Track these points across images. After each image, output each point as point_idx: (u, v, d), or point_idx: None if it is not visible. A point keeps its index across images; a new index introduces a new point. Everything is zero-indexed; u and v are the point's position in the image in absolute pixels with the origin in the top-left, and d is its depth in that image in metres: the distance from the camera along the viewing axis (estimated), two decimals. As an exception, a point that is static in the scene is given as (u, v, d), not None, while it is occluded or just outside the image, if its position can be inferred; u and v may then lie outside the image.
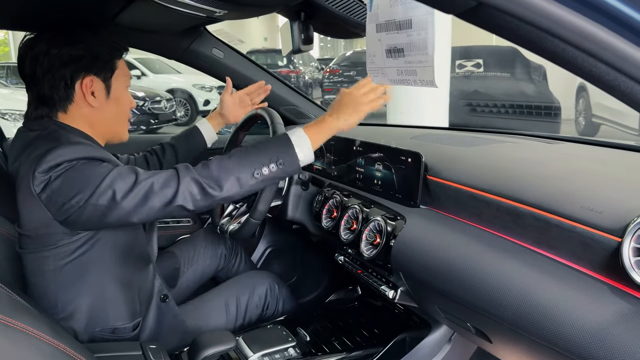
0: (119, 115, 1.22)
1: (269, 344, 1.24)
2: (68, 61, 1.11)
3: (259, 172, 1.08)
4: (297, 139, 1.11)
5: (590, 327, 0.76)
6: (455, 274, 0.99)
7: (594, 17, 0.51)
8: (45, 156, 1.03)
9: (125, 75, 1.22)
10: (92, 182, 1.02)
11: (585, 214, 0.84)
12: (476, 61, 7.32)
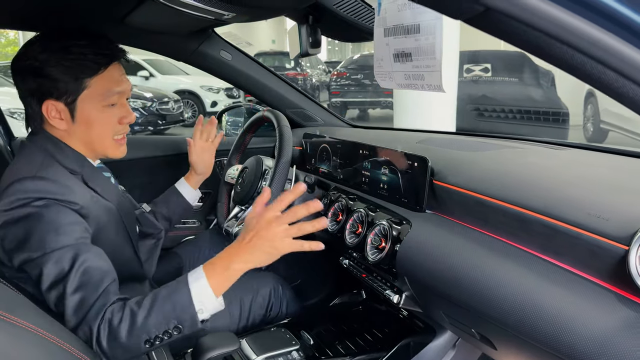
0: (94, 137, 1.14)
1: (273, 346, 1.24)
2: (30, 83, 1.09)
3: (150, 341, 0.94)
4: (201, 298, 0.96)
5: (595, 335, 0.75)
6: (460, 280, 0.98)
7: (603, 24, 0.51)
8: (7, 190, 1.01)
9: (104, 91, 1.11)
10: (37, 247, 0.97)
11: (592, 221, 0.83)
12: (484, 66, 7.31)
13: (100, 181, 1.16)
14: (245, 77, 1.83)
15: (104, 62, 1.11)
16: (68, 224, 1.01)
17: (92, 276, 0.99)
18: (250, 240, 0.99)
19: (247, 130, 1.72)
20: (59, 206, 1.02)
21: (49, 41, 1.08)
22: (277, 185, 1.39)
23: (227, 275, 0.99)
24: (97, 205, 1.11)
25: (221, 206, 1.72)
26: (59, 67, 1.07)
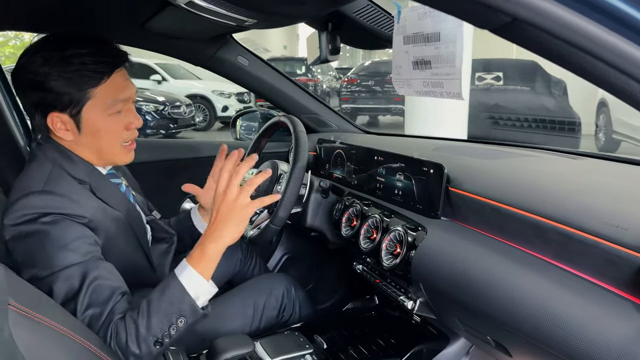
0: (102, 146, 1.13)
1: (286, 349, 1.25)
2: (32, 97, 1.08)
3: (159, 341, 0.97)
4: (192, 285, 1.01)
5: (611, 344, 0.75)
6: (476, 286, 0.99)
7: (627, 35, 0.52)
8: (15, 205, 1.02)
9: (109, 100, 1.10)
10: (45, 265, 0.99)
11: (610, 231, 0.84)
12: (496, 74, 7.30)
13: (109, 190, 1.16)
14: (261, 83, 1.85)
15: (106, 70, 1.08)
16: (76, 239, 1.02)
17: (101, 294, 1.00)
18: (216, 217, 1.06)
19: (262, 135, 1.73)
20: (67, 221, 1.02)
21: (49, 52, 1.05)
22: (293, 190, 1.40)
23: (206, 257, 1.04)
24: (105, 215, 1.12)
25: (235, 210, 1.73)
26: (61, 80, 1.04)
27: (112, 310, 0.99)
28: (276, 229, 1.42)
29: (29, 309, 0.78)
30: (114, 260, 1.08)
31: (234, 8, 0.99)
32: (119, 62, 1.11)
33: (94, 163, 1.15)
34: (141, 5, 1.30)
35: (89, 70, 1.06)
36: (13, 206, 1.02)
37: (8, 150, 1.65)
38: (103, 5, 1.34)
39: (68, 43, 1.06)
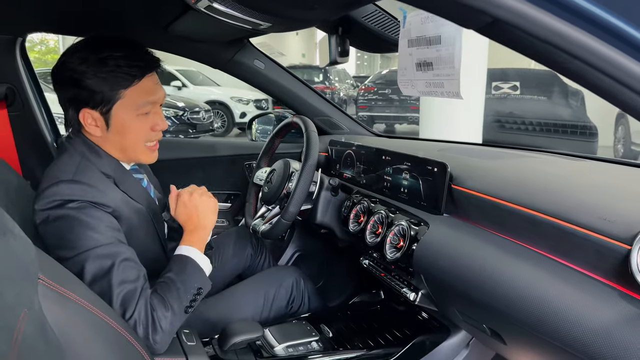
0: (127, 144, 1.20)
1: (294, 336, 1.31)
2: (68, 93, 1.15)
3: (189, 307, 1.13)
4: (200, 260, 1.20)
5: (598, 328, 0.80)
6: (474, 277, 1.04)
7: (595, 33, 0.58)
8: (45, 191, 1.10)
9: (139, 101, 1.17)
10: (74, 245, 1.06)
11: (599, 224, 0.88)
12: (513, 83, 7.32)
13: (131, 184, 1.24)
14: (277, 86, 1.93)
15: (138, 74, 1.15)
16: (102, 224, 1.10)
17: (131, 273, 1.09)
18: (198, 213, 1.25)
19: (276, 135, 1.80)
20: (93, 208, 1.10)
21: (86, 53, 1.13)
22: (303, 187, 1.46)
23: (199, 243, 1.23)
24: (128, 207, 1.19)
25: (249, 206, 1.80)
26: (96, 79, 1.12)
27: (145, 287, 1.08)
28: (287, 224, 1.49)
29: (57, 284, 0.86)
30: (134, 249, 1.16)
31: (250, 12, 1.06)
32: (151, 67, 1.18)
33: (118, 159, 1.23)
34: (164, 9, 1.38)
35: (122, 72, 1.13)
36: (44, 192, 1.10)
37: (37, 147, 1.75)
38: (129, 9, 1.43)
39: (104, 46, 1.14)
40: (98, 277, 1.06)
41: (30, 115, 1.72)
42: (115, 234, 1.12)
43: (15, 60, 1.65)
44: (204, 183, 1.97)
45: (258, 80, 1.91)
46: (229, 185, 2.07)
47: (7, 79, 1.64)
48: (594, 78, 0.59)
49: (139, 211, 1.24)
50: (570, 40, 0.56)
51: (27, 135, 1.71)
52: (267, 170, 1.75)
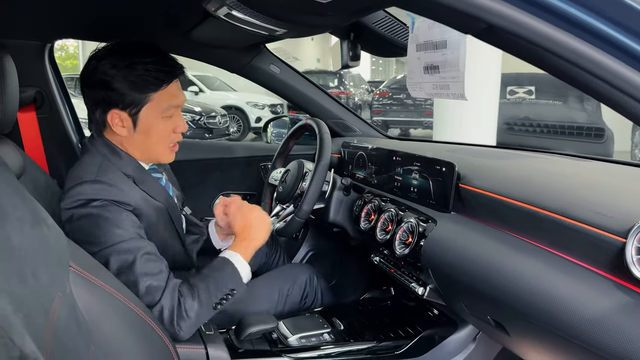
0: (151, 144, 1.27)
1: (307, 328, 1.36)
2: (98, 94, 1.22)
3: (218, 304, 1.18)
4: (239, 267, 1.23)
5: (595, 317, 0.84)
6: (480, 271, 1.08)
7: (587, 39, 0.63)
8: (69, 191, 1.17)
9: (164, 105, 1.24)
10: (99, 241, 1.14)
11: (597, 219, 0.93)
12: (528, 88, 7.30)
13: (150, 183, 1.31)
14: (291, 89, 1.99)
15: (166, 79, 1.23)
16: (124, 221, 1.17)
17: (154, 266, 1.16)
18: (243, 226, 1.32)
19: (290, 137, 1.87)
20: (115, 206, 1.17)
21: (117, 58, 1.21)
22: (316, 186, 1.52)
23: (246, 250, 1.28)
24: (147, 204, 1.26)
25: (264, 205, 1.87)
26: (126, 82, 1.20)
27: (169, 277, 1.16)
28: (300, 222, 1.55)
29: (86, 272, 0.93)
30: (154, 244, 1.23)
31: (266, 19, 1.12)
32: (177, 73, 1.26)
33: (138, 159, 1.30)
34: (185, 16, 1.45)
35: (151, 76, 1.21)
36: (69, 192, 1.18)
37: (63, 147, 1.84)
38: (151, 16, 1.51)
39: (133, 51, 1.22)
40: (122, 270, 1.13)
41: (57, 117, 1.80)
42: (136, 229, 1.19)
43: (44, 66, 1.74)
44: (221, 183, 2.06)
45: (273, 84, 1.98)
46: (245, 186, 2.14)
47: (36, 83, 1.73)
48: (588, 81, 0.64)
49: (158, 208, 1.30)
50: (561, 45, 0.61)
51: (54, 136, 1.80)
52: (282, 171, 1.81)
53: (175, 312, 1.12)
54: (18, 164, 1.33)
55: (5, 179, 0.83)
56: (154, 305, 1.12)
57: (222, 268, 1.22)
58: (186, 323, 1.13)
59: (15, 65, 1.28)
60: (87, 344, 0.85)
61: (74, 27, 1.66)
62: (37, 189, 1.36)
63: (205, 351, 1.17)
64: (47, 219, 0.90)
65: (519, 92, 7.38)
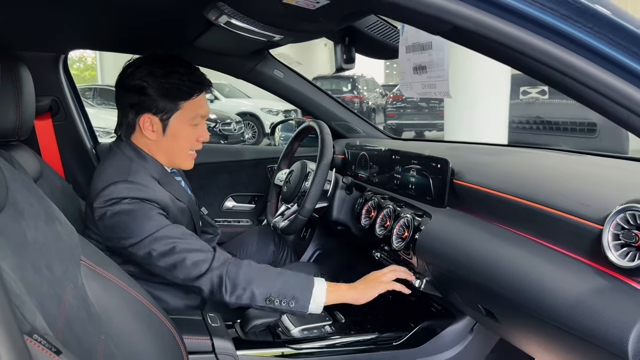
0: (176, 149, 1.36)
1: (309, 321, 1.42)
2: (133, 98, 1.31)
3: (271, 301, 1.22)
4: (317, 292, 1.25)
5: (575, 301, 0.88)
6: (469, 261, 1.13)
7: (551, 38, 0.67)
8: (103, 191, 1.25)
9: (193, 113, 1.33)
10: (137, 233, 1.22)
11: (577, 207, 0.97)
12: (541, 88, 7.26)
13: (174, 185, 1.39)
14: (296, 93, 2.06)
15: (197, 89, 1.33)
16: (157, 214, 1.26)
17: (196, 240, 1.26)
18: (367, 283, 1.33)
19: (295, 139, 1.93)
20: (145, 203, 1.26)
21: (154, 66, 1.31)
22: (318, 185, 1.58)
23: (338, 291, 1.30)
24: (173, 204, 1.34)
25: (270, 205, 1.94)
26: (161, 89, 1.29)
27: (216, 252, 1.25)
28: (303, 219, 1.61)
29: (97, 266, 0.99)
30: None
31: (263, 26, 1.19)
32: (206, 85, 1.36)
33: (162, 163, 1.38)
34: (190, 26, 1.53)
35: (185, 86, 1.31)
36: (102, 192, 1.25)
37: (78, 154, 1.93)
38: (159, 27, 1.59)
39: (169, 62, 1.32)
40: (166, 254, 1.21)
41: (72, 125, 1.90)
42: (168, 221, 1.28)
43: (59, 75, 1.83)
44: (229, 186, 2.13)
45: (278, 88, 2.04)
46: (253, 188, 2.21)
47: (51, 92, 1.83)
48: (559, 79, 0.69)
49: (182, 209, 1.39)
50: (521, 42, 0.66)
51: (69, 143, 1.89)
52: (287, 172, 1.88)
53: (223, 283, 1.20)
54: (35, 169, 1.41)
55: (21, 179, 0.90)
56: (202, 276, 1.21)
57: (299, 277, 1.28)
58: (231, 295, 1.21)
59: (32, 76, 1.36)
60: (97, 333, 0.91)
61: (84, 39, 1.75)
62: (53, 192, 1.44)
63: (211, 342, 1.23)
64: (60, 217, 0.98)
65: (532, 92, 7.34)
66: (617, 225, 0.88)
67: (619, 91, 0.67)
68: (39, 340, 0.59)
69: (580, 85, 0.67)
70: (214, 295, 1.23)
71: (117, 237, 1.25)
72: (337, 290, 1.28)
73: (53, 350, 0.60)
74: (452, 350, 1.41)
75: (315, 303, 1.24)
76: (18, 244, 0.77)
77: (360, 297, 1.30)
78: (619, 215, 0.87)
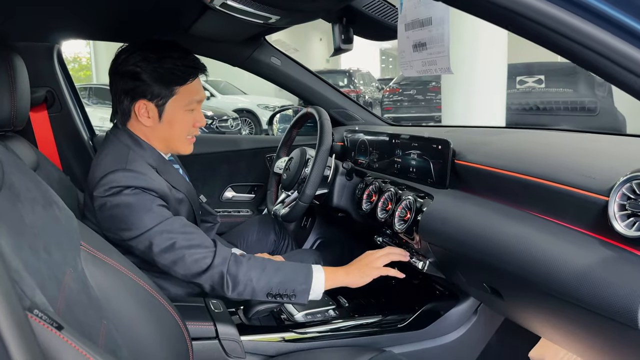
0: (173, 135, 1.34)
1: (313, 305, 1.41)
2: (127, 84, 1.29)
3: (272, 295, 1.23)
4: (315, 282, 1.26)
5: (580, 272, 0.87)
6: (473, 239, 1.12)
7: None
8: (102, 180, 1.23)
9: (188, 99, 1.32)
10: (137, 227, 1.20)
11: (581, 180, 0.96)
12: (538, 77, 7.27)
13: (172, 173, 1.38)
14: (293, 81, 2.04)
15: (192, 73, 1.32)
16: (157, 206, 1.24)
17: (198, 235, 1.24)
18: (362, 267, 1.33)
19: (293, 126, 1.92)
20: (146, 193, 1.24)
21: (148, 52, 1.29)
22: (318, 170, 1.57)
23: (335, 277, 1.30)
24: (171, 193, 1.33)
25: (270, 193, 1.92)
26: (155, 74, 1.28)
27: (217, 248, 1.23)
28: (304, 206, 1.59)
29: (97, 250, 0.98)
30: None
31: (259, 6, 1.18)
32: (201, 70, 1.35)
33: (159, 150, 1.37)
34: (185, 12, 1.51)
35: (179, 71, 1.30)
36: (102, 180, 1.23)
37: (75, 145, 1.91)
38: (153, 14, 1.57)
39: (161, 47, 1.31)
40: (168, 248, 1.20)
41: (68, 116, 1.88)
42: (169, 213, 1.26)
43: (54, 66, 1.81)
44: (228, 176, 2.11)
45: (276, 76, 2.03)
46: (252, 178, 2.20)
47: (47, 84, 1.81)
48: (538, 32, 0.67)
49: (180, 198, 1.37)
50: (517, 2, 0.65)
51: (65, 134, 1.88)
52: (286, 159, 1.86)
53: (224, 280, 1.19)
54: (32, 160, 1.40)
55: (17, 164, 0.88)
56: (203, 273, 1.20)
57: (298, 268, 1.28)
58: (232, 292, 1.21)
59: (26, 67, 1.34)
60: (99, 317, 0.90)
61: (78, 29, 1.73)
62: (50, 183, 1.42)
63: (214, 327, 1.22)
64: (59, 202, 0.96)
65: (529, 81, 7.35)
66: (623, 196, 0.87)
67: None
68: (40, 316, 0.58)
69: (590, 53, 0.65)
70: (215, 291, 1.21)
71: (116, 228, 1.23)
72: (334, 278, 1.29)
73: (54, 326, 0.58)
74: (456, 332, 1.40)
75: (314, 293, 1.26)
76: (15, 226, 0.76)
77: (355, 283, 1.32)
78: (625, 185, 0.86)
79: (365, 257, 1.35)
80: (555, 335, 1.12)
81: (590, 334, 0.96)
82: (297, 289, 1.24)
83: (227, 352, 1.23)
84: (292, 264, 1.30)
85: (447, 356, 1.40)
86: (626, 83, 0.69)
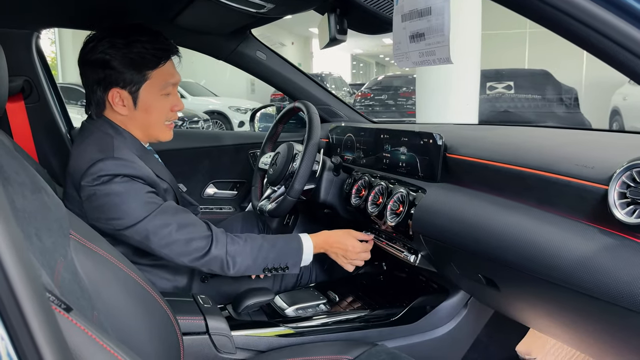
0: (151, 122, 1.32)
1: (303, 300, 1.39)
2: (98, 74, 1.26)
3: (268, 269, 1.32)
4: (306, 253, 1.37)
5: (579, 259, 0.88)
6: (469, 230, 1.12)
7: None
8: (90, 169, 1.19)
9: (162, 82, 1.29)
10: (132, 216, 1.18)
11: (579, 170, 0.97)
12: (507, 83, 7.45)
13: (154, 163, 1.34)
14: (278, 76, 2.02)
15: (163, 56, 1.29)
16: (148, 193, 1.22)
17: (192, 219, 1.25)
18: (344, 251, 1.43)
19: (279, 121, 1.89)
20: (135, 182, 1.21)
21: (115, 38, 1.25)
22: (307, 164, 1.55)
23: (318, 248, 1.41)
24: (157, 182, 1.29)
25: (255, 190, 1.89)
26: (125, 60, 1.24)
27: (213, 232, 1.24)
28: (292, 200, 1.57)
29: (85, 239, 0.94)
30: None
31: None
32: (173, 51, 1.32)
33: (139, 139, 1.33)
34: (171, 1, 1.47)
35: (149, 54, 1.26)
36: (89, 170, 1.19)
37: (52, 137, 1.84)
38: (137, 3, 1.53)
39: (130, 32, 1.26)
40: (165, 237, 1.18)
41: (46, 107, 1.81)
42: (160, 200, 1.24)
43: (32, 54, 1.74)
44: (210, 172, 2.07)
45: (261, 70, 2.00)
46: (235, 174, 2.16)
47: (24, 72, 1.73)
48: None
49: (165, 186, 1.34)
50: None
51: (42, 126, 1.80)
52: (272, 155, 1.83)
53: (224, 263, 1.23)
54: (8, 150, 1.33)
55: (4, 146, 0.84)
56: (202, 258, 1.20)
57: (290, 243, 1.35)
58: (233, 271, 1.25)
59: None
60: (90, 308, 0.87)
61: (59, 15, 1.67)
62: None
63: (204, 322, 1.19)
64: (46, 188, 0.92)
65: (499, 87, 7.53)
66: (622, 184, 0.88)
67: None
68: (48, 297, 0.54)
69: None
70: (213, 272, 1.25)
71: (107, 218, 1.19)
72: (322, 242, 1.41)
73: (62, 307, 0.55)
74: (446, 325, 1.40)
75: (304, 262, 1.37)
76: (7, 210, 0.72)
77: (332, 255, 1.44)
78: (625, 173, 0.87)
79: (350, 240, 1.44)
80: (549, 325, 1.13)
81: (588, 320, 0.97)
82: (290, 263, 1.33)
83: (217, 347, 1.20)
84: (284, 237, 1.37)
85: (438, 349, 1.40)
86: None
